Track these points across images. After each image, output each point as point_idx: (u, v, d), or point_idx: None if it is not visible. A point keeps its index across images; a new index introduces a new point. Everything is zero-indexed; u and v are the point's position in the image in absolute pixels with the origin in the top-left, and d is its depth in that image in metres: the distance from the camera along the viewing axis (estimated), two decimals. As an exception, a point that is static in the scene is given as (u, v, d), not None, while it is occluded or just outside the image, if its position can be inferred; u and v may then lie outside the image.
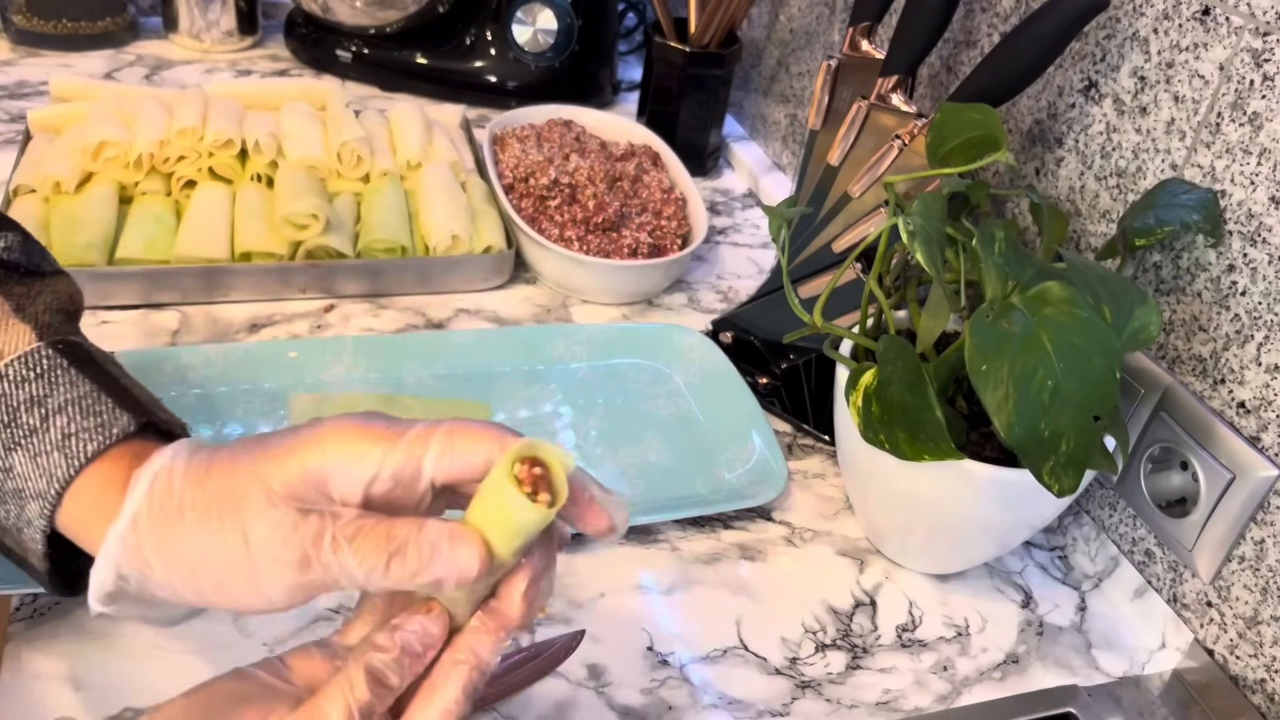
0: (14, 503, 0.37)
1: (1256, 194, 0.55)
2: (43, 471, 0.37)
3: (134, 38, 1.17)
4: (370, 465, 0.36)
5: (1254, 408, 0.56)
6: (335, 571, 0.35)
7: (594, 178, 0.89)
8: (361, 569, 0.34)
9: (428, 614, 0.37)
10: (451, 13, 1.12)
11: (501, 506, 0.35)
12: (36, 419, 0.37)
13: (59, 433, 0.37)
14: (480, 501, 0.36)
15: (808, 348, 0.78)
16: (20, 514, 0.37)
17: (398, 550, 0.34)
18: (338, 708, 0.35)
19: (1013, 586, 0.66)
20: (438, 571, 0.35)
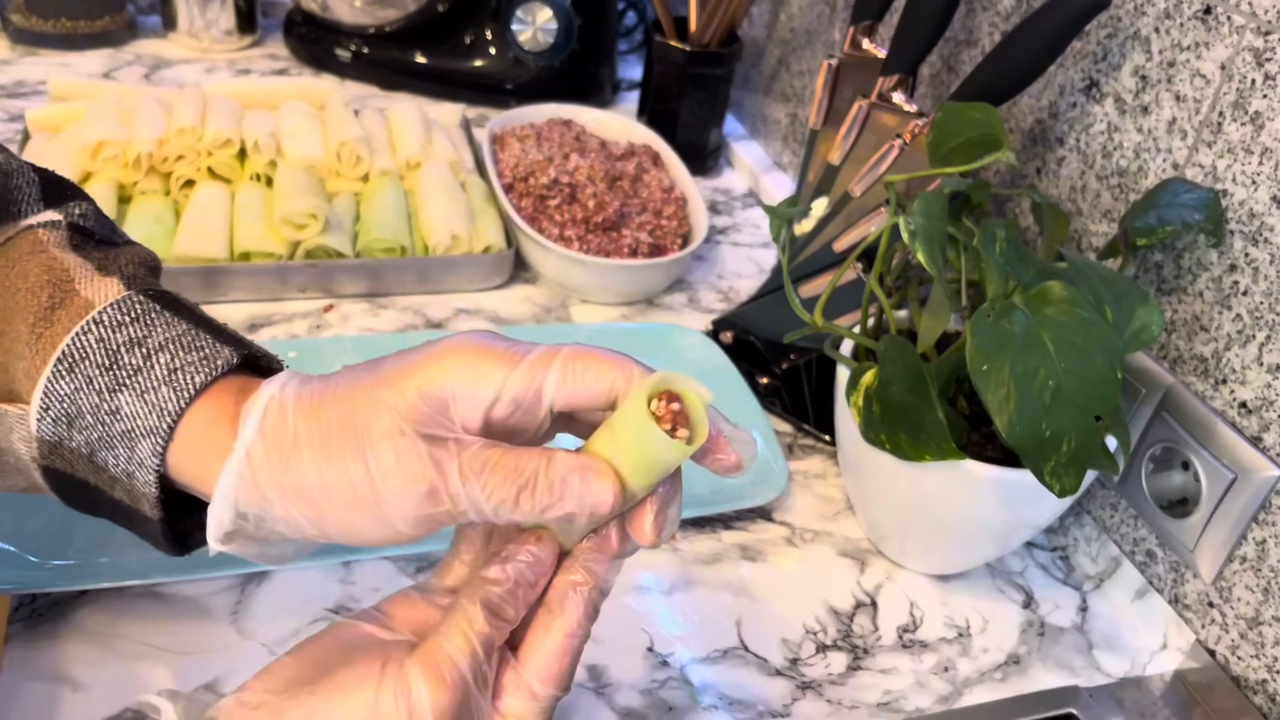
0: (123, 446, 0.36)
1: (1258, 193, 0.55)
2: (151, 408, 0.36)
3: (133, 37, 1.17)
4: (492, 387, 0.34)
5: (1255, 408, 0.56)
6: (464, 504, 0.34)
7: (594, 177, 0.89)
8: (490, 503, 0.33)
9: (538, 543, 0.36)
10: (451, 12, 1.12)
11: (639, 442, 0.34)
12: (139, 358, 0.36)
13: (163, 369, 0.36)
14: (611, 433, 0.35)
15: (808, 348, 0.78)
16: (131, 456, 0.36)
17: (527, 485, 0.33)
18: (458, 645, 0.33)
19: (1014, 587, 0.66)
20: (568, 506, 0.34)
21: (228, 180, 0.84)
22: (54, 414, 0.35)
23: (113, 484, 0.37)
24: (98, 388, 0.35)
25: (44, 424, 0.35)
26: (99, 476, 0.37)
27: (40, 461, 0.37)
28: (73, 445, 0.36)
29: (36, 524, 0.56)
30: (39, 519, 0.56)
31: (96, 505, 0.38)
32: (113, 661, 0.51)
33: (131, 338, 0.36)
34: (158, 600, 0.55)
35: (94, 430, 0.36)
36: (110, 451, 0.36)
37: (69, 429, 0.36)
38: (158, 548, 0.39)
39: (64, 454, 0.36)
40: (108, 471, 0.36)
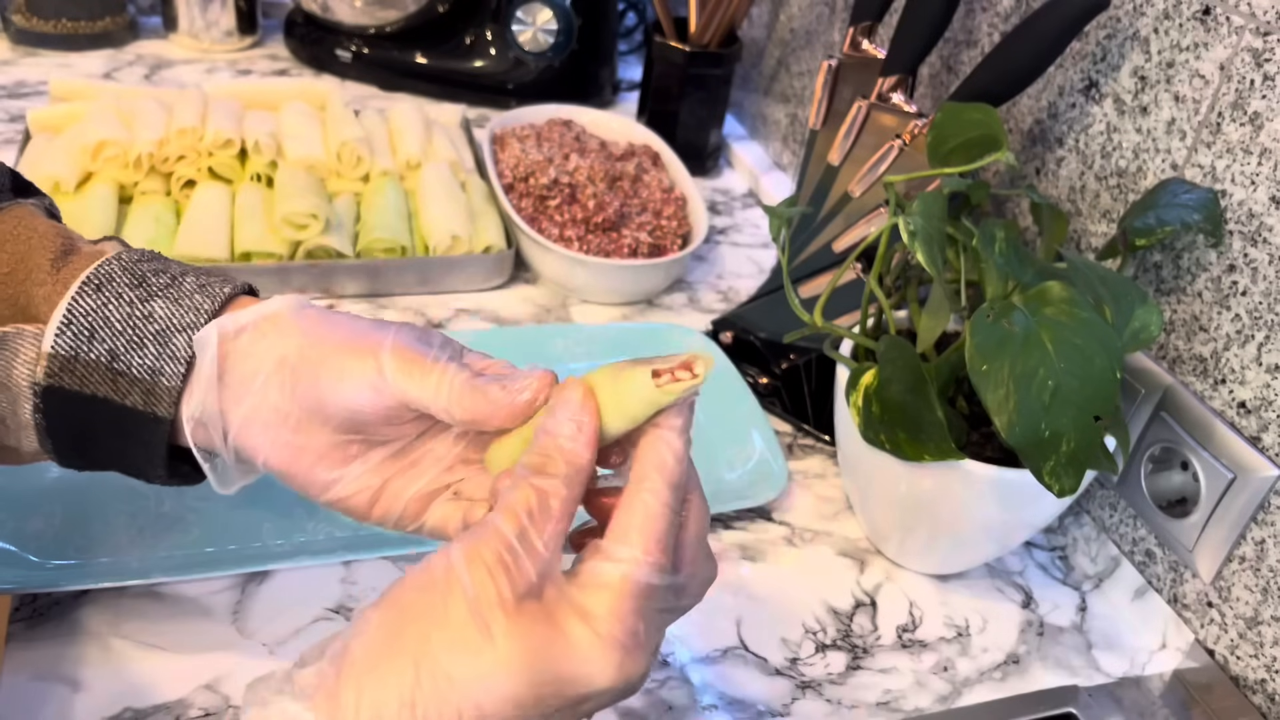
0: (154, 344, 0.39)
1: (1257, 194, 0.55)
2: (187, 309, 0.40)
3: (133, 37, 1.17)
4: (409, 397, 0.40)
5: (1254, 408, 0.56)
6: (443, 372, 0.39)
7: (594, 177, 0.89)
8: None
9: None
10: (451, 12, 1.12)
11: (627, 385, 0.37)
12: (166, 279, 0.41)
13: (192, 285, 0.41)
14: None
15: (808, 348, 0.78)
16: (161, 352, 0.39)
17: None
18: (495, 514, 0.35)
19: (1013, 587, 0.66)
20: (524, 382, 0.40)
21: (228, 181, 0.85)
22: (75, 328, 0.39)
23: (130, 388, 0.39)
24: (128, 300, 0.40)
25: (62, 339, 0.39)
26: (113, 385, 0.39)
27: (43, 383, 0.39)
28: (91, 356, 0.39)
29: (37, 524, 0.56)
30: (40, 519, 0.56)
31: (90, 426, 0.40)
32: (113, 661, 0.51)
33: (155, 267, 0.41)
34: (158, 600, 0.55)
35: (121, 337, 0.39)
36: (138, 352, 0.39)
37: (89, 341, 0.39)
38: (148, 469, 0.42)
39: (76, 368, 0.39)
40: (128, 375, 0.39)
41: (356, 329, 0.40)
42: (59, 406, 0.39)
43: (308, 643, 0.54)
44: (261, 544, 0.57)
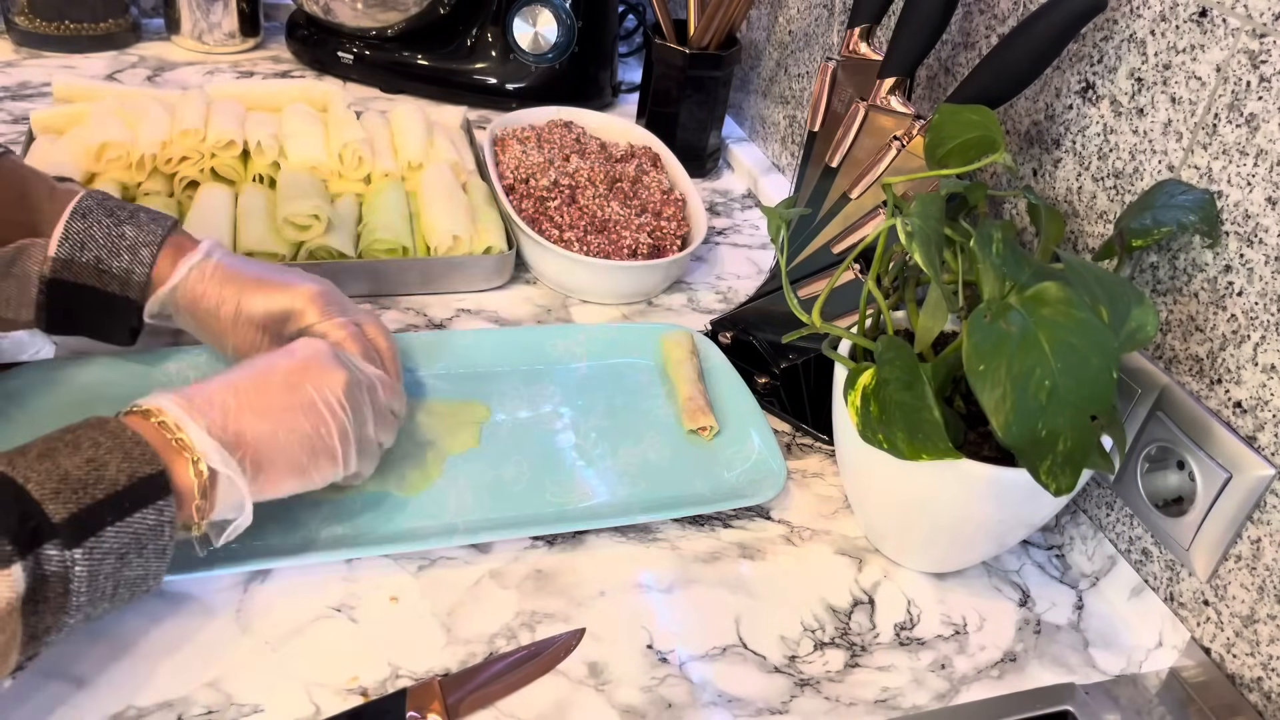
0: (128, 253, 0.60)
1: (1253, 195, 0.55)
2: (147, 232, 0.61)
3: (136, 39, 1.18)
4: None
5: (1250, 407, 0.56)
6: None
7: (594, 179, 0.90)
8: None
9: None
10: (452, 15, 1.13)
11: None
12: (128, 213, 0.62)
13: (146, 216, 0.62)
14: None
15: (807, 348, 0.78)
16: (134, 258, 0.60)
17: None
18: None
19: (1010, 585, 0.66)
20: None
21: (231, 182, 0.85)
22: (71, 241, 0.59)
23: (111, 280, 0.60)
24: (105, 225, 0.60)
25: (63, 247, 0.59)
26: (99, 278, 0.60)
27: (48, 276, 0.59)
28: (83, 260, 0.60)
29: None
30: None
31: (79, 305, 0.61)
32: (118, 659, 0.52)
33: (115, 204, 0.62)
34: (161, 598, 0.55)
35: (104, 247, 0.60)
36: (117, 259, 0.60)
37: (81, 249, 0.60)
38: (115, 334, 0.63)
39: (72, 267, 0.60)
40: (110, 272, 0.60)
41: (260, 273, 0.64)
42: (58, 290, 0.60)
43: (310, 641, 0.55)
44: (263, 542, 0.57)
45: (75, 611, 0.45)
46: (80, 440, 0.46)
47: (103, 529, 0.45)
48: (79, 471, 0.45)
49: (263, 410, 0.52)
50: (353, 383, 0.56)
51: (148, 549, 0.47)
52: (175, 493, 0.48)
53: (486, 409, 0.72)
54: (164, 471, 0.47)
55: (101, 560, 0.45)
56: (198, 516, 0.49)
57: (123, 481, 0.46)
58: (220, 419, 0.50)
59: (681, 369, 0.76)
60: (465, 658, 0.55)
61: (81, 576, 0.44)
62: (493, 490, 0.65)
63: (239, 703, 0.51)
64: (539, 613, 0.58)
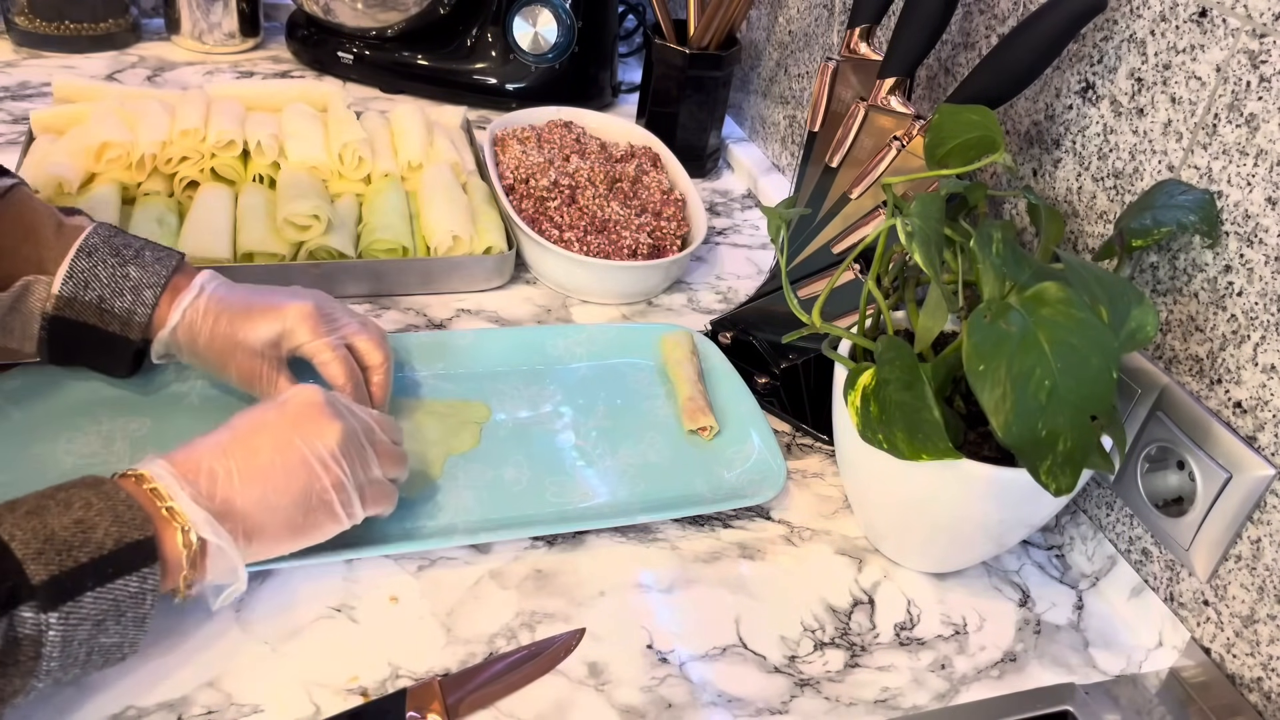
0: (131, 294, 0.61)
1: (1253, 195, 0.55)
2: (152, 272, 0.62)
3: (136, 39, 1.18)
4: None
5: (1250, 407, 0.56)
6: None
7: (594, 179, 0.90)
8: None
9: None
10: (452, 15, 1.13)
11: None
12: (133, 252, 0.62)
13: (152, 255, 0.62)
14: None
15: (807, 348, 0.78)
16: (136, 299, 0.61)
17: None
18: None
19: (1010, 585, 0.66)
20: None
21: (231, 182, 0.85)
22: (75, 280, 0.60)
23: (112, 320, 0.61)
24: (110, 264, 0.61)
25: (66, 285, 0.60)
26: (101, 317, 0.61)
27: (50, 313, 0.60)
28: (86, 298, 0.60)
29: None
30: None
31: (80, 342, 0.62)
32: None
33: (122, 241, 0.62)
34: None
35: (108, 287, 0.61)
36: (120, 298, 0.61)
37: (84, 288, 0.60)
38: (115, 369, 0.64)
39: (75, 305, 0.60)
40: (112, 312, 0.61)
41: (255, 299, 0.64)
42: (60, 328, 0.61)
43: (310, 641, 0.55)
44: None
45: (44, 676, 0.44)
46: (72, 499, 0.45)
47: (82, 594, 0.44)
48: (65, 532, 0.44)
49: (252, 474, 0.51)
50: (348, 433, 0.54)
51: (126, 616, 0.46)
52: (162, 561, 0.47)
53: (486, 409, 0.72)
54: (153, 538, 0.46)
55: (77, 626, 0.44)
56: (184, 586, 0.48)
57: (109, 545, 0.45)
58: (208, 486, 0.50)
59: (681, 369, 0.76)
60: (465, 658, 0.55)
61: (55, 641, 0.43)
62: (493, 490, 0.65)
63: (239, 703, 0.51)
64: (539, 613, 0.58)
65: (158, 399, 0.67)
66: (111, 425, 0.64)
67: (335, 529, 0.55)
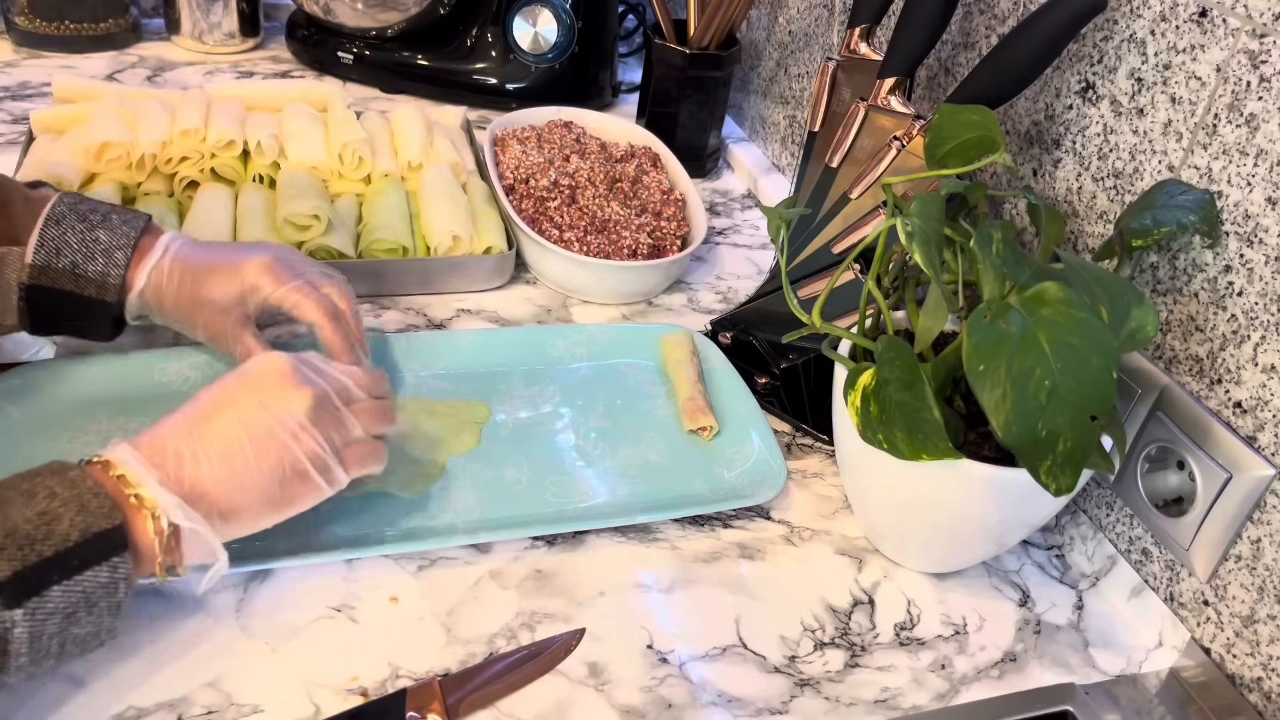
0: (103, 258, 0.61)
1: (1253, 195, 0.55)
2: (121, 234, 0.62)
3: (136, 39, 1.18)
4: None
5: (1250, 407, 0.56)
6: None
7: (594, 179, 0.90)
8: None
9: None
10: (452, 15, 1.13)
11: None
12: (99, 216, 0.62)
13: (119, 218, 0.63)
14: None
15: (807, 348, 0.78)
16: (108, 261, 0.61)
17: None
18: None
19: (1010, 585, 0.66)
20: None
21: (231, 182, 0.85)
22: (46, 248, 0.60)
23: (88, 284, 0.61)
24: (79, 230, 0.61)
25: (39, 254, 0.60)
26: (76, 282, 0.61)
27: (27, 282, 0.60)
28: (59, 265, 0.60)
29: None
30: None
31: (59, 309, 0.61)
32: (118, 660, 0.52)
33: (88, 208, 0.62)
34: (162, 598, 0.55)
35: (80, 252, 0.61)
36: (91, 263, 0.61)
37: (56, 255, 0.60)
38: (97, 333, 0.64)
39: (49, 273, 0.60)
40: (86, 276, 0.61)
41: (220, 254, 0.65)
42: (38, 297, 0.61)
43: (310, 641, 0.55)
44: (263, 542, 0.57)
45: (16, 671, 0.43)
46: (36, 489, 0.45)
47: (48, 588, 0.43)
48: (28, 525, 0.43)
49: (219, 453, 0.50)
50: (318, 398, 0.53)
51: (99, 606, 0.45)
52: (135, 549, 0.46)
53: (487, 409, 0.72)
54: (122, 525, 0.45)
55: (45, 620, 0.43)
56: (160, 571, 0.48)
57: (74, 537, 0.44)
58: (175, 469, 0.49)
59: (681, 369, 0.76)
60: (465, 658, 0.55)
61: (22, 638, 0.43)
62: (493, 490, 0.65)
63: (239, 703, 0.51)
64: (539, 613, 0.58)
65: (158, 399, 0.67)
66: (111, 425, 0.64)
67: (317, 497, 0.53)
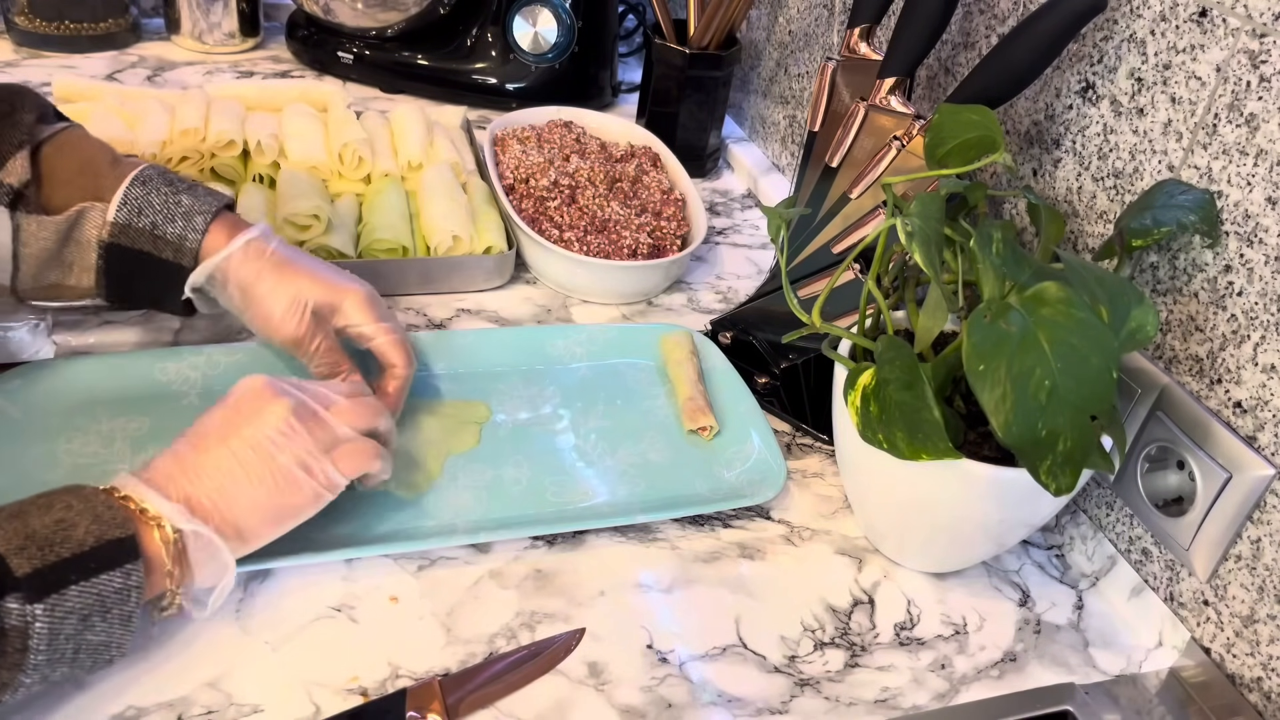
0: (183, 220, 0.62)
1: (1253, 195, 0.55)
2: (203, 201, 0.63)
3: (136, 39, 1.18)
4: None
5: (1250, 407, 0.56)
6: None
7: (594, 179, 0.90)
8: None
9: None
10: (452, 14, 1.13)
11: None
12: (186, 184, 0.63)
13: (204, 190, 0.64)
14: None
15: (807, 348, 0.78)
16: (188, 224, 0.62)
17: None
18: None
19: (1010, 585, 0.66)
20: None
21: (231, 181, 0.85)
22: (129, 206, 0.61)
23: (165, 247, 0.62)
24: (164, 193, 0.62)
25: (121, 212, 0.61)
26: (154, 244, 0.62)
27: (107, 240, 0.61)
28: (140, 225, 0.61)
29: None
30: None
31: (135, 271, 0.62)
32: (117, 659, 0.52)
33: (175, 176, 0.64)
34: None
35: (161, 213, 0.61)
36: (171, 225, 0.62)
37: (138, 215, 0.61)
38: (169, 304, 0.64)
39: (129, 232, 0.61)
40: (165, 238, 0.62)
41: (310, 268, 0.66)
42: (116, 255, 0.61)
43: (310, 641, 0.55)
44: (264, 542, 0.57)
45: (32, 671, 0.44)
46: (53, 503, 0.46)
47: (66, 587, 0.44)
48: (46, 530, 0.45)
49: (213, 472, 0.51)
50: (296, 405, 0.54)
51: (112, 614, 0.46)
52: (145, 559, 0.47)
53: (487, 409, 0.72)
54: (133, 536, 0.47)
55: (63, 619, 0.44)
56: (171, 583, 0.49)
57: (90, 542, 0.45)
58: (176, 491, 0.50)
59: (681, 369, 0.76)
60: (465, 658, 0.55)
61: (41, 634, 0.43)
62: (493, 490, 0.65)
63: (239, 703, 0.51)
64: (539, 613, 0.58)
65: (158, 399, 0.67)
66: (111, 425, 0.64)
67: (316, 501, 0.54)
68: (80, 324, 0.72)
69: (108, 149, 0.64)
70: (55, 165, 0.61)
